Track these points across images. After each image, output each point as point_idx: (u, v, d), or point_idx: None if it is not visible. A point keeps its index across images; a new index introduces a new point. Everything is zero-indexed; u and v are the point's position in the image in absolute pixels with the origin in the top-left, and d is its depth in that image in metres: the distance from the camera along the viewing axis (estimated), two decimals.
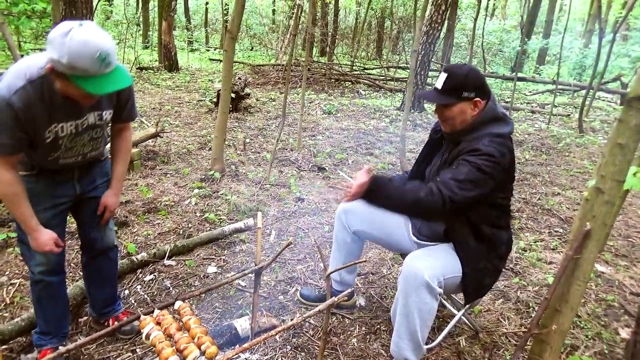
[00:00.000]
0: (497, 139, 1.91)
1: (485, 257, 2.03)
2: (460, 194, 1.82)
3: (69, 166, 1.89)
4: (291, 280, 2.93)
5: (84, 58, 1.46)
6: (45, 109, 1.64)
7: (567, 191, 4.90)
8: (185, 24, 20.21)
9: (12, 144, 1.64)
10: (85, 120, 1.78)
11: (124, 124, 2.04)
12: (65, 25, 1.49)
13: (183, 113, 7.48)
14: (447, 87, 1.94)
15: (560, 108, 10.54)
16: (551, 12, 18.49)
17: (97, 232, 2.13)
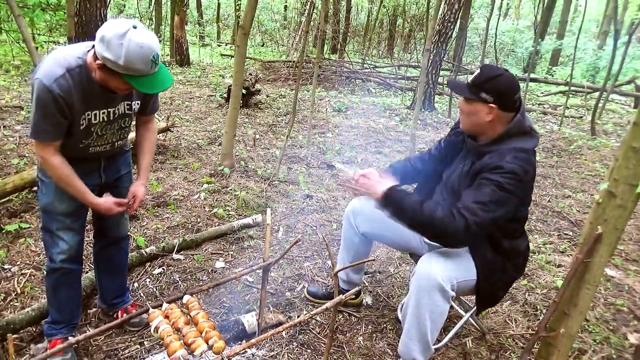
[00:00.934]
0: (521, 154, 1.86)
1: (502, 270, 2.01)
2: (483, 215, 1.78)
3: (97, 155, 1.94)
4: (298, 277, 2.94)
5: (139, 61, 1.57)
6: (81, 97, 1.71)
7: (577, 194, 4.86)
8: (197, 18, 20.25)
9: (54, 130, 1.72)
10: (117, 110, 1.85)
11: (149, 116, 2.11)
12: (120, 26, 1.56)
13: (194, 108, 7.50)
14: (472, 82, 1.92)
15: (572, 110, 10.44)
16: (566, 12, 18.30)
17: (112, 221, 2.17)
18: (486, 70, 1.92)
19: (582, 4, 18.87)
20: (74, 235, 1.98)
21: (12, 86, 7.42)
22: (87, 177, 1.91)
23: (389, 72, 13.28)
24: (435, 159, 2.29)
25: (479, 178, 1.87)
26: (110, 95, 1.79)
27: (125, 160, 2.14)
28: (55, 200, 1.90)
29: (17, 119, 5.62)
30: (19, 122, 5.51)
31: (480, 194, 1.82)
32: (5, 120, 5.51)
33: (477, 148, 1.99)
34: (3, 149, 4.57)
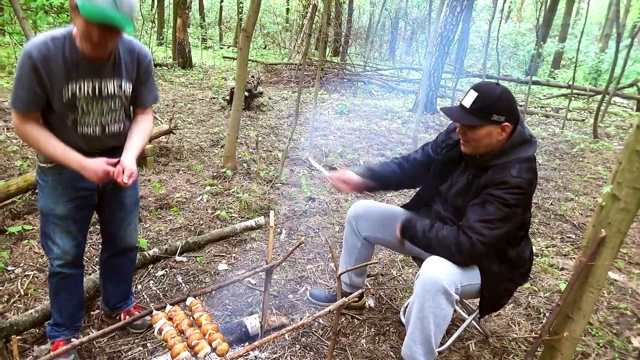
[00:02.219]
0: (525, 164, 1.86)
1: (508, 279, 2.03)
2: (489, 234, 1.82)
3: (89, 140, 1.83)
4: (301, 279, 2.94)
5: None
6: (64, 64, 1.68)
7: (580, 197, 4.85)
8: (199, 21, 20.32)
9: (28, 98, 1.68)
10: (104, 85, 1.78)
11: (145, 108, 2.02)
12: None
13: (196, 110, 7.52)
14: (475, 107, 1.84)
15: (575, 113, 10.42)
16: (567, 15, 18.29)
17: (120, 231, 2.15)
18: (486, 92, 1.85)
19: (584, 7, 18.89)
20: (70, 240, 1.94)
21: None
22: (83, 179, 1.82)
23: (391, 74, 13.30)
24: (419, 164, 2.26)
25: (483, 193, 1.88)
26: (94, 66, 1.73)
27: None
28: (51, 203, 1.87)
29: None
30: None
31: (486, 212, 1.83)
32: (8, 122, 5.52)
33: (479, 162, 1.97)
34: (6, 150, 4.58)
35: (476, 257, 1.89)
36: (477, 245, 1.82)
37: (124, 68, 1.83)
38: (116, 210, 2.08)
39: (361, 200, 2.52)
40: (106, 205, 2.05)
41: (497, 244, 1.88)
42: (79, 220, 1.95)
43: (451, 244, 1.87)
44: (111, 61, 1.78)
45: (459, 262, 1.89)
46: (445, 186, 2.16)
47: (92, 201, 1.98)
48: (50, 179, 1.85)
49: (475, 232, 1.83)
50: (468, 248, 1.83)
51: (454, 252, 1.87)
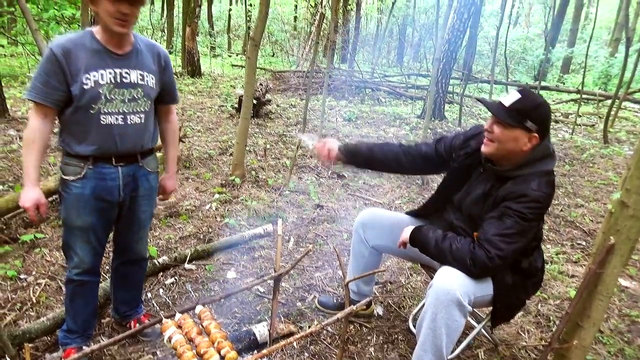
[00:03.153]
0: (545, 177, 1.86)
1: (521, 289, 2.01)
2: (506, 248, 1.81)
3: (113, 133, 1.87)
4: (309, 287, 2.94)
5: None
6: (87, 55, 1.77)
7: (590, 203, 4.81)
8: (208, 30, 20.51)
9: (44, 90, 1.76)
10: (125, 73, 1.86)
11: (167, 105, 2.14)
12: None
13: (205, 118, 7.58)
14: (515, 107, 1.83)
15: (584, 118, 10.37)
16: (576, 20, 18.24)
17: (132, 241, 2.19)
18: (529, 96, 1.85)
19: (593, 12, 18.80)
20: (90, 250, 2.00)
21: None
22: (105, 193, 1.91)
23: (399, 81, 13.32)
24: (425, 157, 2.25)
25: (501, 206, 1.86)
26: (116, 56, 1.83)
27: (144, 176, 2.06)
28: (73, 215, 1.92)
29: None
30: None
31: (504, 225, 1.82)
32: (21, 131, 5.61)
33: (498, 173, 1.95)
34: (19, 159, 4.65)
35: (492, 271, 1.88)
36: (494, 259, 1.81)
37: (145, 61, 1.93)
38: (131, 223, 2.12)
39: (369, 208, 2.52)
40: (122, 218, 2.08)
41: (513, 257, 1.87)
42: (99, 231, 2.00)
43: (466, 256, 1.85)
44: (133, 53, 1.89)
45: (473, 275, 1.87)
46: (459, 195, 2.13)
47: (113, 214, 2.03)
48: (73, 191, 1.90)
49: (494, 246, 1.81)
50: (484, 261, 1.81)
51: (468, 266, 1.85)
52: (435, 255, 1.99)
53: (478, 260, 1.83)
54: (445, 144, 2.22)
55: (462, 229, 2.07)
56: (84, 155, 1.88)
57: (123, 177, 1.97)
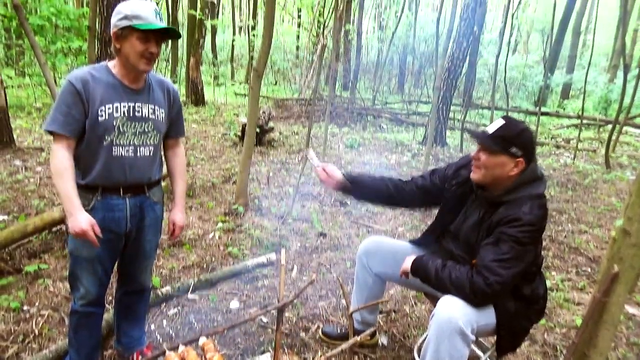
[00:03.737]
0: (536, 200, 1.89)
1: (524, 316, 2.01)
2: (505, 273, 1.82)
3: (122, 165, 1.91)
4: (313, 317, 2.92)
5: (143, 9, 1.79)
6: (101, 88, 1.84)
7: (594, 229, 4.80)
8: (212, 59, 20.86)
9: (64, 120, 1.80)
10: (138, 107, 1.92)
11: (174, 139, 2.19)
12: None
13: (208, 146, 7.65)
14: (499, 134, 1.90)
15: (585, 143, 10.40)
16: (574, 47, 18.50)
17: (136, 271, 2.20)
18: (512, 123, 1.92)
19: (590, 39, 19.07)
20: (96, 281, 2.01)
21: (34, 128, 7.67)
22: (113, 223, 1.94)
23: (400, 108, 13.45)
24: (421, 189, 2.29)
25: (496, 232, 1.89)
26: (131, 90, 1.90)
27: (151, 206, 2.09)
28: (80, 246, 1.93)
29: (39, 160, 5.78)
30: (40, 163, 5.66)
31: (500, 250, 1.84)
32: (27, 161, 5.67)
33: (490, 199, 1.99)
34: (24, 190, 4.69)
35: (492, 297, 1.88)
36: (493, 285, 1.82)
37: (157, 96, 2.00)
38: (136, 253, 2.13)
39: (372, 236, 2.53)
40: (128, 248, 2.10)
41: (512, 282, 1.87)
42: (105, 262, 2.01)
43: (465, 284, 1.85)
44: (146, 88, 1.96)
45: (474, 303, 1.87)
46: (455, 224, 2.16)
47: (119, 245, 2.04)
48: None
49: (492, 272, 1.82)
50: (483, 288, 1.82)
51: (468, 293, 1.85)
52: (435, 285, 1.99)
53: (477, 287, 1.83)
54: (439, 174, 2.29)
55: (462, 257, 2.08)
56: (93, 186, 1.91)
57: (130, 208, 1.99)
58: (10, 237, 3.23)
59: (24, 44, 10.51)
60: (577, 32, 18.31)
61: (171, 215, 2.20)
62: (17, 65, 11.45)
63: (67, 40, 9.52)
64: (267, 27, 4.34)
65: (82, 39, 9.24)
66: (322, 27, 15.60)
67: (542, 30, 23.31)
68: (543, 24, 22.73)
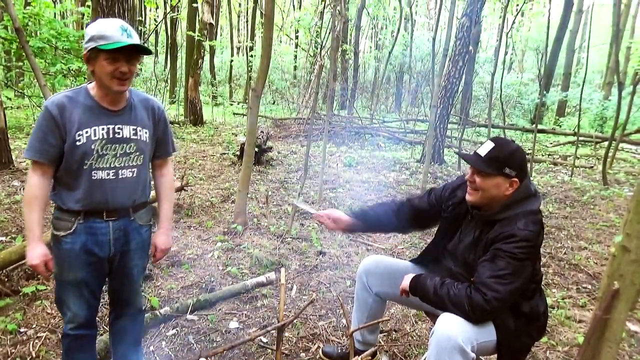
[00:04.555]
0: (531, 216, 1.91)
1: (524, 334, 2.00)
2: (502, 290, 1.82)
3: (104, 187, 1.87)
4: (313, 336, 2.90)
5: (109, 28, 1.75)
6: (79, 112, 1.81)
7: (593, 245, 4.79)
8: (210, 79, 21.04)
9: (40, 147, 1.79)
10: (118, 129, 1.87)
11: (162, 159, 2.13)
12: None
13: (207, 166, 7.67)
14: (490, 156, 1.92)
15: (582, 160, 10.46)
16: (569, 65, 18.71)
17: (125, 293, 2.16)
18: (503, 144, 1.95)
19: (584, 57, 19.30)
20: (83, 304, 1.98)
21: None
22: (96, 247, 1.91)
23: (398, 126, 13.54)
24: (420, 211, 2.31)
25: (492, 249, 1.90)
26: (110, 112, 1.87)
27: (136, 229, 2.03)
28: (64, 270, 1.91)
29: None
30: None
31: (497, 267, 1.85)
32: (25, 182, 5.66)
33: (485, 217, 2.02)
34: (23, 211, 4.67)
35: (491, 314, 1.87)
36: (492, 302, 1.82)
37: (139, 116, 1.95)
38: (122, 277, 2.09)
39: (372, 255, 2.52)
40: (113, 272, 2.06)
41: (511, 299, 1.87)
42: (91, 285, 1.98)
43: (464, 301, 1.85)
44: (127, 108, 1.92)
45: (473, 320, 1.86)
46: (452, 244, 2.18)
47: (104, 268, 2.01)
48: (64, 247, 1.89)
49: (489, 288, 1.83)
50: (482, 305, 1.82)
51: (467, 311, 1.85)
52: (434, 303, 1.99)
53: (476, 304, 1.83)
54: (435, 195, 2.31)
55: (462, 275, 2.08)
56: (75, 210, 1.88)
57: (114, 231, 1.95)
58: (8, 258, 3.21)
59: (24, 65, 10.61)
60: (571, 50, 18.54)
61: (154, 237, 2.12)
62: (16, 87, 11.53)
63: (66, 61, 9.62)
64: (266, 48, 4.39)
65: (81, 61, 9.33)
66: (319, 47, 15.80)
67: (536, 48, 23.60)
68: (537, 42, 23.02)
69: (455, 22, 9.28)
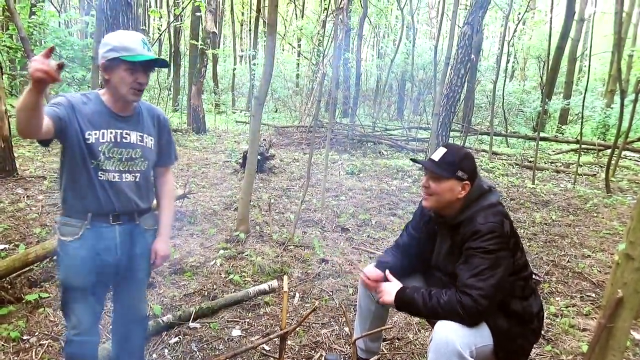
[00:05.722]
0: (490, 209, 1.99)
1: (519, 336, 2.00)
2: (484, 285, 1.85)
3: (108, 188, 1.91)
4: (316, 344, 2.89)
5: (130, 40, 1.83)
6: (90, 112, 1.88)
7: (597, 253, 4.78)
8: (213, 88, 21.14)
9: (49, 108, 1.76)
10: (125, 134, 1.94)
11: (163, 167, 2.19)
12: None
13: (209, 174, 7.68)
14: (444, 161, 2.02)
15: (585, 167, 10.44)
16: (571, 73, 18.75)
17: (130, 301, 2.18)
18: (455, 149, 2.07)
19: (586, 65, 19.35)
20: (87, 310, 1.99)
21: (36, 157, 7.72)
22: (102, 252, 1.94)
23: (400, 134, 13.56)
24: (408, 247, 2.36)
25: (464, 250, 1.96)
26: (119, 118, 1.93)
27: (141, 234, 2.08)
28: (70, 275, 1.93)
29: (40, 188, 5.80)
30: (42, 191, 5.68)
31: (472, 266, 1.90)
32: (29, 190, 5.69)
33: (448, 223, 2.09)
34: (26, 218, 4.69)
35: (483, 312, 1.89)
36: (479, 300, 1.84)
37: (146, 123, 2.02)
38: (128, 281, 2.11)
39: (374, 262, 2.52)
40: (119, 276, 2.08)
41: (496, 293, 1.89)
42: (97, 291, 2.00)
43: (456, 307, 1.88)
44: (135, 115, 1.99)
45: (468, 323, 1.88)
46: (434, 258, 2.24)
47: (110, 273, 2.03)
48: (70, 252, 1.92)
49: (472, 287, 1.86)
50: (472, 305, 1.84)
51: (461, 314, 1.87)
52: (427, 315, 2.02)
53: (466, 306, 1.85)
54: (412, 226, 2.39)
55: (452, 284, 2.09)
56: (82, 213, 1.91)
57: (120, 235, 1.98)
58: (11, 266, 3.21)
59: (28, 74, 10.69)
60: (573, 59, 18.58)
61: (154, 244, 2.15)
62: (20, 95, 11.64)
63: (71, 70, 9.71)
64: (268, 56, 4.42)
65: (85, 69, 9.41)
66: (321, 56, 15.87)
67: (538, 57, 23.69)
68: (539, 50, 23.11)
69: (457, 31, 9.33)
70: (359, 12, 18.06)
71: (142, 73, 1.86)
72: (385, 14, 20.20)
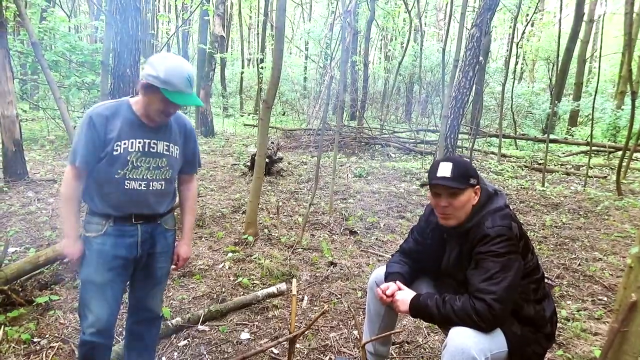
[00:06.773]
0: (497, 213, 1.98)
1: (532, 341, 1.98)
2: (497, 289, 1.83)
3: (133, 196, 1.97)
4: (325, 348, 2.88)
5: (176, 76, 1.84)
6: (120, 123, 1.92)
7: (609, 257, 4.72)
8: (221, 91, 21.24)
9: (81, 152, 1.89)
10: (153, 144, 1.99)
11: (188, 175, 2.25)
12: (162, 53, 1.98)
13: (218, 177, 7.71)
14: (456, 174, 1.98)
15: (596, 170, 10.34)
16: (580, 75, 18.59)
17: (147, 299, 2.21)
18: (459, 160, 2.06)
19: (595, 66, 19.20)
20: (106, 307, 2.01)
21: (47, 160, 7.80)
22: (124, 249, 2.00)
23: (408, 136, 13.52)
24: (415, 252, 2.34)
25: (474, 256, 1.95)
26: (148, 128, 1.98)
27: (162, 233, 2.14)
28: (92, 271, 1.98)
29: (51, 191, 5.85)
30: (52, 195, 5.73)
31: (483, 270, 1.88)
32: (39, 193, 5.74)
33: (457, 231, 2.08)
34: (37, 221, 4.73)
35: (498, 318, 1.86)
36: (493, 305, 1.82)
37: (173, 133, 2.07)
38: (147, 279, 2.16)
39: (383, 266, 2.51)
40: (138, 273, 2.13)
41: (509, 296, 1.87)
42: (115, 288, 2.04)
43: (470, 313, 1.85)
44: (163, 125, 2.03)
45: (483, 329, 1.86)
46: (444, 265, 2.21)
47: (129, 270, 2.08)
48: (94, 247, 1.98)
49: (485, 292, 1.84)
50: (486, 310, 1.82)
51: (477, 321, 1.84)
52: (441, 322, 2.00)
53: (480, 311, 1.83)
54: (417, 231, 2.37)
55: (465, 290, 2.07)
56: (106, 214, 1.98)
57: (142, 234, 2.04)
58: (22, 268, 3.24)
59: (39, 78, 10.81)
60: (582, 60, 18.42)
61: (177, 247, 2.25)
62: (31, 100, 11.75)
63: (80, 74, 9.79)
64: (276, 60, 4.43)
65: (94, 74, 9.48)
66: (329, 59, 15.89)
67: (547, 58, 23.53)
68: (548, 52, 22.96)
69: (465, 33, 9.29)
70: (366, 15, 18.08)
71: (175, 106, 1.91)
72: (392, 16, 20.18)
